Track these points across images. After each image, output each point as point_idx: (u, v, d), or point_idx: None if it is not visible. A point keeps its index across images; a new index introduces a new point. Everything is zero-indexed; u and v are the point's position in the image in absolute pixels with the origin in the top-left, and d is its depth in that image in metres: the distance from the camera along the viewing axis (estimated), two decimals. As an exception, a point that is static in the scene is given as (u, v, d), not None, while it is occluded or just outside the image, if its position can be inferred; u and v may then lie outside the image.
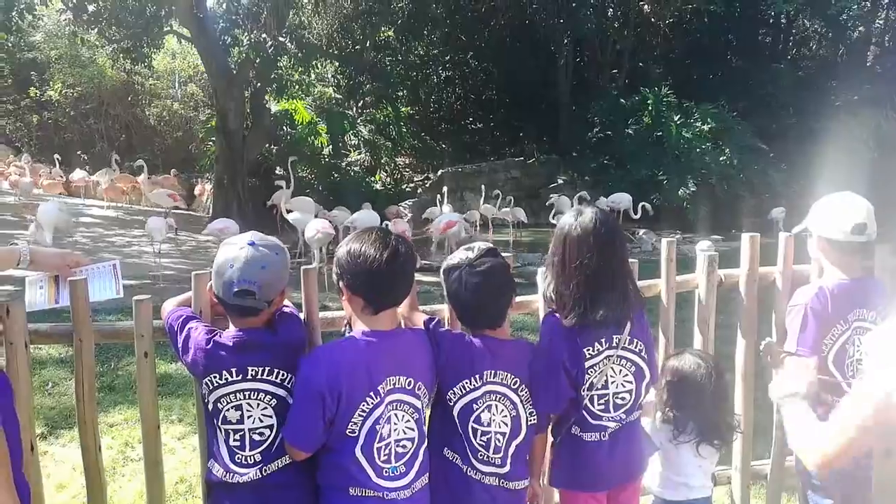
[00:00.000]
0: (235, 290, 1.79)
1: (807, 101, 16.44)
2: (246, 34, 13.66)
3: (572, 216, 2.07)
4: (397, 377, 1.82)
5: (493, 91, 21.09)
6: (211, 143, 16.80)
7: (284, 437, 1.81)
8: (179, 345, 1.93)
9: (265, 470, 1.85)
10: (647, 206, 12.62)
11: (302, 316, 2.18)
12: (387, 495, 1.79)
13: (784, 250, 2.76)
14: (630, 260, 2.27)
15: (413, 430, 1.85)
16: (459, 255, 2.01)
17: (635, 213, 12.56)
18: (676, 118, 15.04)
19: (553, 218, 11.81)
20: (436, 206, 12.80)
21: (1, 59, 19.78)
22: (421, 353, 1.92)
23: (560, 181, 16.11)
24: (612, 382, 2.08)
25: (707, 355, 2.44)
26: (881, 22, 18.97)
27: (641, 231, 12.26)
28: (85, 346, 2.14)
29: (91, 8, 12.72)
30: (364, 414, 1.77)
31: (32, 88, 20.00)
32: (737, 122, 15.26)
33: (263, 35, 12.51)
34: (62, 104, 20.23)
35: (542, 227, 13.13)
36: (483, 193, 13.29)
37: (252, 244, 1.83)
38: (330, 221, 8.61)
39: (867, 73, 18.06)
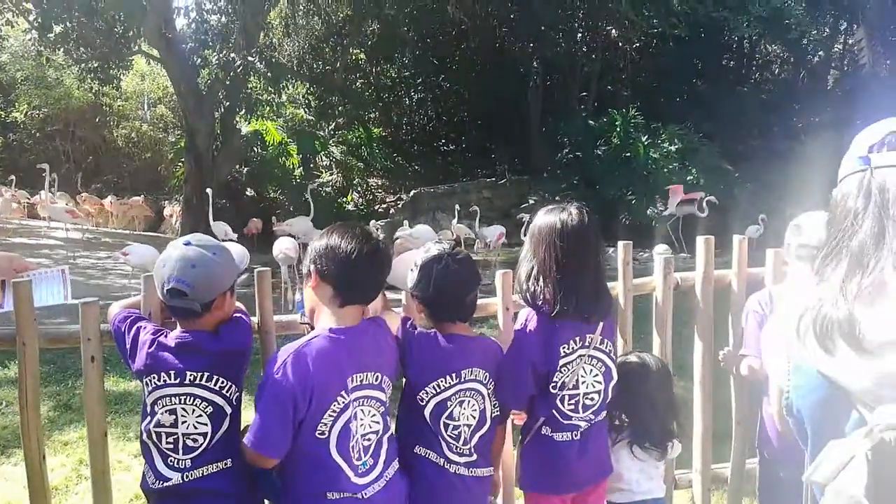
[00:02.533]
0: (167, 288, 1.76)
1: (771, 123, 16.85)
2: (215, 54, 13.62)
3: (557, 212, 2.09)
4: (364, 373, 1.79)
5: (464, 113, 21.29)
6: (180, 164, 16.65)
7: (248, 445, 1.71)
8: (127, 346, 1.89)
9: (191, 475, 1.80)
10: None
11: (255, 320, 2.15)
12: (364, 494, 1.75)
13: (738, 253, 2.81)
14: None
15: (378, 422, 1.83)
16: (437, 248, 2.03)
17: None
18: (644, 139, 15.31)
19: (524, 236, 11.89)
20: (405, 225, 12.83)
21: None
22: (384, 346, 1.90)
23: (531, 201, 16.25)
24: (583, 383, 2.09)
25: (654, 358, 2.46)
26: (840, 47, 19.61)
27: (610, 250, 12.38)
28: (28, 351, 2.08)
29: (57, 28, 12.57)
30: (334, 414, 1.72)
31: (-3, 109, 19.69)
32: (703, 143, 15.58)
33: (233, 55, 12.48)
34: (28, 125, 19.91)
35: (513, 248, 13.20)
36: (456, 213, 13.34)
37: (188, 244, 1.81)
38: (294, 237, 8.81)
39: (828, 96, 18.63)
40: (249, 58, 12.49)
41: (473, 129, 21.16)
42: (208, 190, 11.50)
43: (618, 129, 15.82)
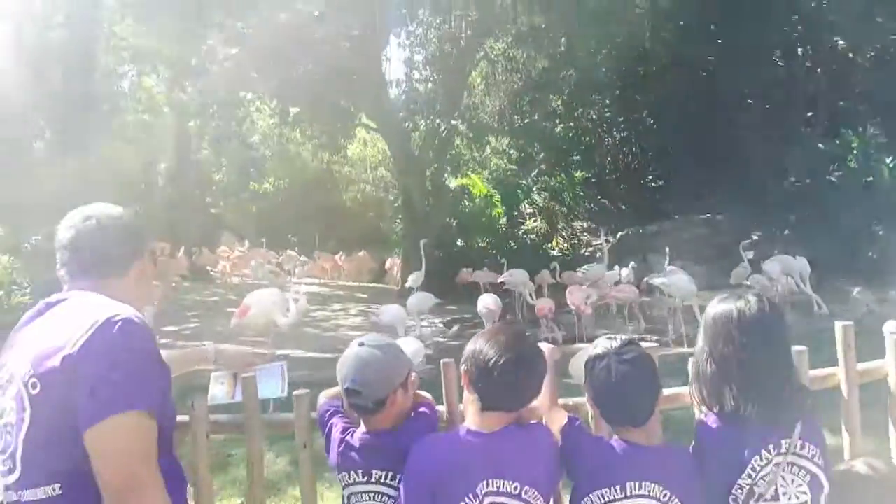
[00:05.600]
0: (343, 388, 1.90)
1: None
2: (423, 119, 14.72)
3: (732, 300, 1.92)
4: (501, 481, 1.77)
5: (673, 147, 20.32)
6: (398, 220, 18.07)
7: None
8: (324, 439, 2.09)
9: None
10: None
11: (443, 409, 2.23)
12: None
13: None
14: (798, 348, 2.05)
15: None
16: (603, 345, 1.94)
17: (803, 283, 10.21)
18: (889, 161, 13.33)
19: (747, 280, 10.88)
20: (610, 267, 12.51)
21: (229, 160, 23.22)
22: (535, 455, 1.85)
23: (755, 237, 14.88)
24: (784, 494, 1.84)
25: (889, 466, 2.08)
26: None
27: (855, 290, 10.84)
28: (253, 436, 2.38)
29: (294, 111, 14.52)
30: None
31: (252, 183, 23.16)
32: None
33: (438, 121, 13.38)
34: (275, 194, 23.13)
35: (734, 290, 12.15)
36: (667, 255, 12.69)
37: (361, 345, 1.93)
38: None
39: None
40: (453, 121, 13.27)
41: (684, 163, 20.03)
42: (421, 242, 12.32)
43: (855, 152, 13.98)
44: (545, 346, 2.07)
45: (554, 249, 17.57)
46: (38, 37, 9.69)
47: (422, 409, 2.06)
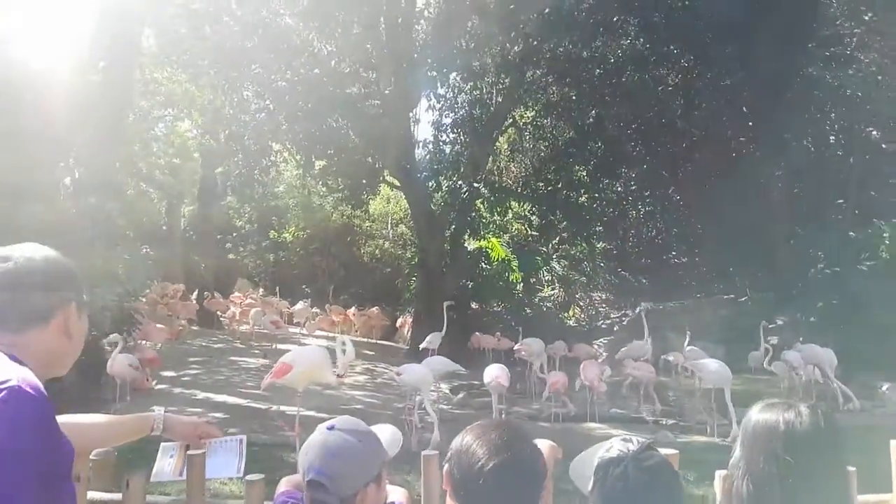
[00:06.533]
0: (306, 479, 1.61)
1: None
2: (446, 180, 14.72)
3: (780, 409, 1.62)
4: None
5: (698, 225, 20.07)
6: (413, 278, 17.89)
7: None
8: None
9: None
10: None
11: (422, 506, 1.93)
12: None
13: None
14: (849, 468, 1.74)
15: None
16: (618, 447, 1.64)
17: (829, 375, 9.54)
18: (923, 252, 12.93)
19: (769, 364, 10.42)
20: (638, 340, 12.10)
21: (252, 207, 23.43)
22: None
23: (779, 322, 14.39)
24: None
25: None
26: None
27: (885, 386, 10.30)
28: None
29: (319, 165, 14.63)
30: None
31: (272, 231, 23.24)
32: None
33: (460, 182, 13.36)
34: (294, 244, 23.14)
35: (754, 374, 11.68)
36: (687, 335, 12.26)
37: (331, 428, 1.64)
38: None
39: None
40: (475, 184, 13.23)
41: (708, 242, 19.75)
42: (445, 303, 12.06)
43: (886, 241, 13.59)
44: (545, 445, 1.77)
45: (570, 319, 17.19)
46: (79, 81, 9.87)
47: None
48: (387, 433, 1.86)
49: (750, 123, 16.74)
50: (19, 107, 8.26)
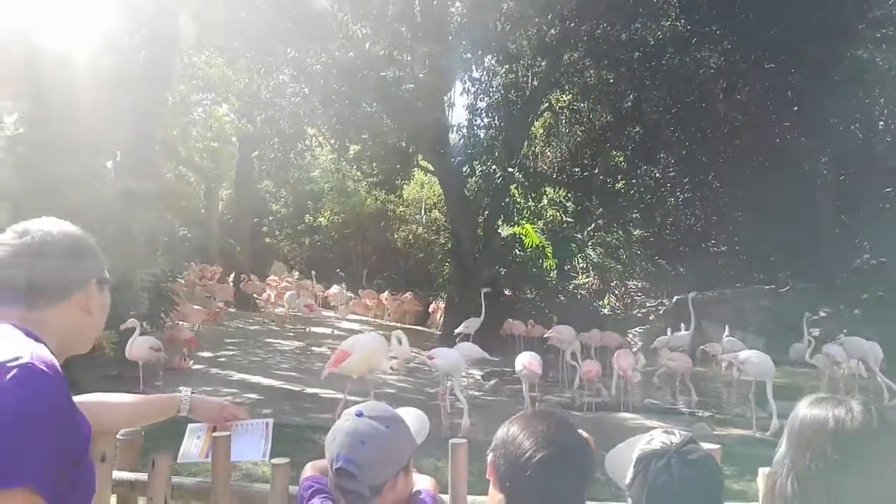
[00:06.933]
0: (334, 467, 1.57)
1: None
2: (480, 165, 14.60)
3: (830, 405, 1.53)
4: None
5: (738, 213, 19.57)
6: (447, 264, 17.86)
7: None
8: None
9: None
10: None
11: (447, 498, 1.89)
12: None
13: None
14: None
15: None
16: (660, 439, 1.57)
17: (874, 368, 9.22)
18: (976, 244, 12.38)
19: (810, 358, 10.12)
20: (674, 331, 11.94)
21: (287, 191, 23.66)
22: None
23: (822, 313, 13.98)
24: None
25: None
26: None
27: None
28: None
29: (353, 149, 14.64)
30: None
31: (307, 215, 23.44)
32: None
33: (494, 167, 13.22)
34: (329, 228, 23.32)
35: (794, 367, 11.37)
36: (726, 327, 12.02)
37: (359, 414, 1.59)
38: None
39: None
40: (510, 169, 13.08)
41: (749, 230, 19.26)
42: (483, 290, 12.05)
43: (938, 232, 13.08)
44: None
45: (605, 308, 16.97)
46: (121, 69, 10.07)
47: (421, 498, 1.73)
48: (414, 419, 1.81)
49: (794, 108, 16.17)
50: (64, 94, 8.45)
